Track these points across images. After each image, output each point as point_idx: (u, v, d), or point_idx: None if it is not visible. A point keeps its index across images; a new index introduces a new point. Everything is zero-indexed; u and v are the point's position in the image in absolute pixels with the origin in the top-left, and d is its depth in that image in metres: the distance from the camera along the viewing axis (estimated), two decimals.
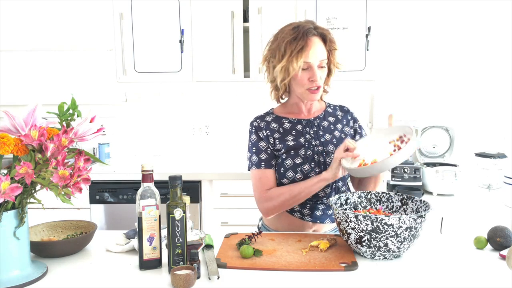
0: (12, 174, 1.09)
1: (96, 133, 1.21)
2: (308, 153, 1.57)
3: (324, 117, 1.65)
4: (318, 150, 1.58)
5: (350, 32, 2.72)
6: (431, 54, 3.05)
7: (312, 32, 1.49)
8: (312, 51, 1.47)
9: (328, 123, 1.64)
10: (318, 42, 1.50)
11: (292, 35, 1.48)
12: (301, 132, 1.61)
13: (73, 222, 1.48)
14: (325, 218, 1.58)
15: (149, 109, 3.27)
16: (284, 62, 1.48)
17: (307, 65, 1.49)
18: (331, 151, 1.58)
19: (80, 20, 3.02)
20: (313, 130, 1.61)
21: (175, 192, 1.17)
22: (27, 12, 3.03)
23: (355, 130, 1.68)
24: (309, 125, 1.62)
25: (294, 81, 1.53)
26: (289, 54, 1.47)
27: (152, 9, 2.81)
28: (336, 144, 1.59)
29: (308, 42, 1.47)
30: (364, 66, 2.75)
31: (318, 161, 1.56)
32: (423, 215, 1.22)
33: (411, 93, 3.10)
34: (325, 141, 1.60)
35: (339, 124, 1.65)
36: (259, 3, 2.75)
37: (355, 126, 1.69)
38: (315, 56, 1.48)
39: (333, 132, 1.63)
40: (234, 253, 1.31)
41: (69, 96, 1.32)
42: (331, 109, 1.69)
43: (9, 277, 1.11)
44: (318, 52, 1.49)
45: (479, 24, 2.99)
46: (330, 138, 1.61)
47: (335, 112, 1.69)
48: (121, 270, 1.22)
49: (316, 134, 1.61)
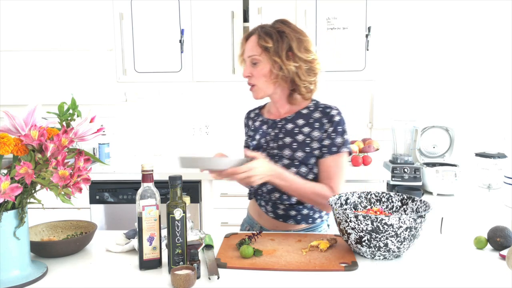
0: (12, 174, 1.09)
1: (96, 133, 1.21)
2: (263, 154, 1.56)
3: (292, 119, 1.57)
4: (273, 153, 1.56)
5: (350, 32, 2.72)
6: (431, 54, 3.05)
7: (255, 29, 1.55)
8: (245, 47, 1.56)
9: (294, 125, 1.56)
10: (252, 39, 1.55)
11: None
12: (265, 132, 1.62)
13: (73, 222, 1.48)
14: (288, 218, 1.57)
15: (149, 109, 3.27)
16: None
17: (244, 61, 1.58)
18: (286, 156, 1.53)
19: (80, 20, 3.02)
20: (274, 132, 1.59)
21: (175, 192, 1.17)
22: (27, 12, 3.03)
23: (328, 135, 1.52)
24: (272, 126, 1.61)
25: None
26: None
27: (152, 9, 2.82)
28: (295, 148, 1.52)
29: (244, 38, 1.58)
30: (364, 66, 2.75)
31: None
32: (423, 215, 1.22)
33: (411, 93, 3.10)
34: (282, 145, 1.55)
35: (306, 128, 1.54)
36: (259, 3, 2.75)
37: (329, 130, 1.52)
38: (246, 52, 1.56)
39: (296, 135, 1.54)
40: (234, 253, 1.31)
41: (69, 96, 1.32)
42: (308, 110, 1.57)
43: (9, 277, 1.11)
44: (249, 48, 1.54)
45: (479, 24, 2.99)
46: (290, 142, 1.54)
47: (311, 114, 1.56)
48: (121, 270, 1.22)
49: (276, 136, 1.58)
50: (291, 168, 1.51)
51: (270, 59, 1.50)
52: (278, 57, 1.49)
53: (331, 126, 1.52)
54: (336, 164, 1.52)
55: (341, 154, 1.52)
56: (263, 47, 1.50)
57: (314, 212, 1.58)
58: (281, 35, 1.50)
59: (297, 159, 1.51)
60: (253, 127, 1.67)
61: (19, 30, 3.06)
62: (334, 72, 2.77)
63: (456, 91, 3.07)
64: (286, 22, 1.56)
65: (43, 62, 3.22)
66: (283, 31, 1.51)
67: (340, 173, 1.52)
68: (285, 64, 1.49)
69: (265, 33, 1.51)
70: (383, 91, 3.11)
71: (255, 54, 1.52)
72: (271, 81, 1.53)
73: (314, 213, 1.58)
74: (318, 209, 1.58)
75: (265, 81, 1.53)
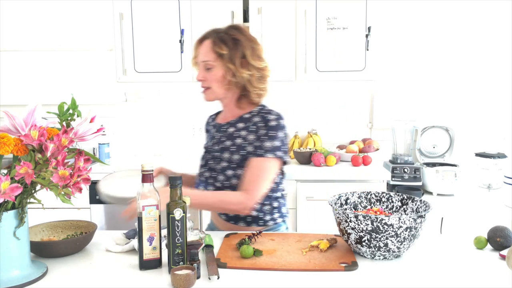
0: (12, 174, 1.09)
1: (96, 133, 1.21)
2: (209, 156, 1.64)
3: (234, 123, 1.62)
4: (216, 155, 1.61)
5: (350, 32, 2.72)
6: (431, 54, 3.05)
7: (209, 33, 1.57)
8: (199, 51, 1.58)
9: (235, 129, 1.60)
10: (207, 44, 1.56)
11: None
12: (212, 136, 1.69)
13: (73, 222, 1.48)
14: (238, 220, 1.59)
15: (149, 109, 3.27)
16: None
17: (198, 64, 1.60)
18: (224, 159, 1.57)
19: (80, 20, 3.02)
20: (219, 135, 1.64)
21: (175, 192, 1.17)
22: (27, 12, 3.03)
23: (259, 137, 1.54)
24: (218, 130, 1.67)
25: None
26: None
27: (152, 9, 2.82)
28: (233, 151, 1.56)
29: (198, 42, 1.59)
30: (364, 66, 2.75)
31: (209, 167, 1.62)
32: (423, 215, 1.22)
33: (411, 93, 3.10)
34: (223, 147, 1.59)
35: (244, 131, 1.57)
36: (259, 3, 2.75)
37: (261, 133, 1.53)
38: (199, 56, 1.58)
39: (235, 139, 1.58)
40: (234, 253, 1.31)
41: (69, 96, 1.32)
42: (251, 115, 1.60)
43: (9, 277, 1.11)
44: (204, 52, 1.56)
45: (479, 24, 2.99)
46: (230, 145, 1.58)
47: (251, 118, 1.58)
48: (121, 270, 1.22)
49: (220, 139, 1.63)
50: (228, 170, 1.55)
51: (224, 65, 1.53)
52: (232, 64, 1.53)
53: (264, 129, 1.54)
54: (259, 167, 1.51)
55: (266, 158, 1.51)
56: (218, 53, 1.54)
57: (264, 214, 1.59)
58: (236, 42, 1.54)
59: (234, 162, 1.55)
60: (207, 131, 1.78)
61: (19, 30, 3.06)
62: (334, 72, 2.77)
63: (456, 91, 3.07)
64: (240, 29, 1.59)
65: (43, 62, 3.22)
66: (238, 39, 1.54)
67: (261, 177, 1.51)
68: (239, 71, 1.53)
69: (220, 39, 1.54)
70: (383, 91, 3.11)
71: (210, 59, 1.55)
72: (223, 86, 1.57)
73: (265, 215, 1.60)
74: (268, 211, 1.60)
75: (217, 86, 1.57)
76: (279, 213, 1.64)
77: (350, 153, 2.83)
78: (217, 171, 1.58)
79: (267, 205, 1.60)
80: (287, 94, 3.17)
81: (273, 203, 1.62)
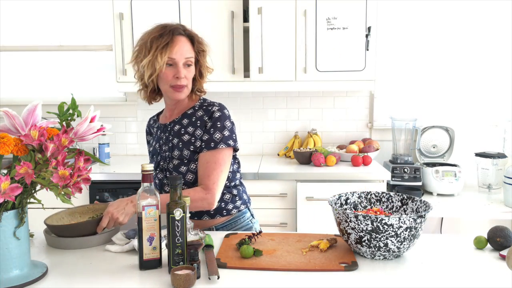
0: (12, 174, 1.09)
1: (96, 133, 1.21)
2: (159, 158, 1.64)
3: (179, 121, 1.62)
4: (165, 155, 1.61)
5: (350, 32, 2.72)
6: (431, 54, 3.05)
7: (179, 31, 1.54)
8: (178, 48, 1.51)
9: (180, 126, 1.60)
10: (185, 41, 1.54)
11: (159, 32, 1.52)
12: (159, 137, 1.66)
13: (90, 206, 1.59)
14: (202, 215, 1.60)
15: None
16: (150, 56, 1.50)
17: (172, 61, 1.52)
18: (175, 156, 1.57)
19: (80, 19, 3.01)
20: (165, 136, 1.63)
21: (175, 192, 1.17)
22: (27, 12, 3.04)
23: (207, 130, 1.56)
24: (164, 131, 1.65)
25: (160, 78, 1.55)
26: (154, 48, 1.49)
27: (152, 9, 2.81)
28: (181, 148, 1.56)
29: (174, 39, 1.51)
30: (364, 66, 2.75)
31: (162, 167, 1.62)
32: (423, 215, 1.22)
33: (411, 93, 3.10)
34: (172, 146, 1.59)
35: (190, 127, 1.58)
36: (259, 3, 2.75)
37: (207, 126, 1.56)
38: (180, 53, 1.52)
39: (182, 136, 1.58)
40: (234, 253, 1.31)
41: (69, 96, 1.32)
42: (193, 110, 1.61)
43: (9, 277, 1.11)
44: (184, 50, 1.53)
45: (479, 24, 2.99)
46: (177, 142, 1.58)
47: (195, 113, 1.60)
48: (121, 270, 1.22)
49: (167, 139, 1.62)
50: (181, 167, 1.56)
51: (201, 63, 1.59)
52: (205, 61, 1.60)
53: (210, 122, 1.56)
54: (213, 160, 1.53)
55: (219, 150, 1.54)
56: (199, 51, 1.58)
57: (226, 203, 1.61)
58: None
59: (185, 158, 1.56)
60: (155, 135, 1.71)
61: (19, 29, 3.06)
62: (334, 72, 2.77)
63: (456, 91, 3.06)
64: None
65: (43, 62, 3.22)
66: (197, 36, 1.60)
67: (218, 169, 1.53)
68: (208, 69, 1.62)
69: (200, 38, 1.59)
70: (383, 91, 3.11)
71: (191, 56, 1.56)
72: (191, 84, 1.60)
73: (227, 204, 1.61)
74: (229, 200, 1.62)
75: (190, 84, 1.59)
76: (241, 200, 1.66)
77: (350, 153, 2.83)
78: (169, 170, 1.59)
79: (226, 194, 1.61)
80: (287, 94, 3.17)
81: (233, 191, 1.64)
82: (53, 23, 3.13)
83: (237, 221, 1.64)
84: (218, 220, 1.62)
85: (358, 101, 3.16)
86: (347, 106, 3.18)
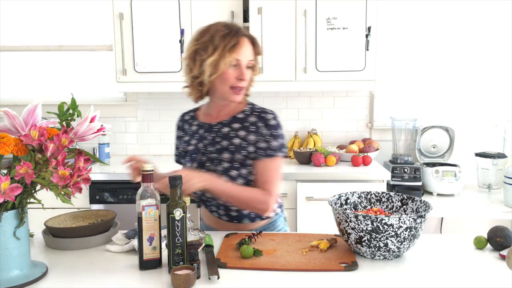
0: (12, 174, 1.09)
1: (96, 133, 1.21)
2: (203, 158, 1.59)
3: (228, 123, 1.58)
4: (212, 157, 1.57)
5: (350, 32, 2.72)
6: (431, 54, 3.05)
7: (243, 32, 1.53)
8: (244, 49, 1.50)
9: (230, 129, 1.57)
10: (248, 43, 1.53)
11: (225, 30, 1.49)
12: (202, 136, 1.62)
13: (93, 211, 1.59)
14: (242, 218, 1.59)
15: (149, 109, 3.27)
16: (216, 56, 1.46)
17: (237, 63, 1.49)
18: (225, 159, 1.54)
19: (80, 19, 3.01)
20: (211, 136, 1.60)
21: (175, 192, 1.17)
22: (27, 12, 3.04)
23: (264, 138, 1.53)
24: (209, 130, 1.61)
25: (220, 78, 1.50)
26: (222, 48, 1.46)
27: (152, 9, 2.81)
28: (233, 151, 1.53)
29: (240, 40, 1.49)
30: (364, 66, 2.75)
31: (209, 168, 1.57)
32: (423, 215, 1.22)
33: (411, 93, 3.10)
34: (221, 148, 1.55)
35: (242, 131, 1.55)
36: (259, 3, 2.75)
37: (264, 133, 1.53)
38: (245, 55, 1.50)
39: (232, 139, 1.55)
40: (234, 253, 1.31)
41: (69, 96, 1.32)
42: (244, 114, 1.58)
43: (9, 277, 1.11)
44: (248, 52, 1.52)
45: (479, 24, 2.99)
46: (227, 145, 1.55)
47: (246, 118, 1.57)
48: (121, 270, 1.22)
49: (214, 140, 1.59)
50: (231, 170, 1.53)
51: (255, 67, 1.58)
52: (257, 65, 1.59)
53: (266, 129, 1.53)
54: (272, 168, 1.53)
55: (277, 158, 1.54)
56: (257, 54, 1.56)
57: None
58: None
59: (237, 161, 1.53)
60: (190, 131, 1.68)
61: (19, 29, 3.06)
62: (334, 72, 2.77)
63: (456, 91, 3.06)
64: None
65: (43, 62, 3.22)
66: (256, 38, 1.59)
67: (275, 176, 1.54)
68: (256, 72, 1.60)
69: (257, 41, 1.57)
70: (383, 91, 3.11)
71: (253, 59, 1.55)
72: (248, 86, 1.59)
73: None
74: None
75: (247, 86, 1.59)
76: (277, 203, 1.65)
77: (350, 153, 2.83)
78: (218, 172, 1.54)
79: None
80: (287, 94, 3.17)
81: None
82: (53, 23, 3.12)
83: (274, 224, 1.64)
84: (258, 224, 1.61)
85: (358, 101, 3.16)
86: (347, 106, 3.18)
